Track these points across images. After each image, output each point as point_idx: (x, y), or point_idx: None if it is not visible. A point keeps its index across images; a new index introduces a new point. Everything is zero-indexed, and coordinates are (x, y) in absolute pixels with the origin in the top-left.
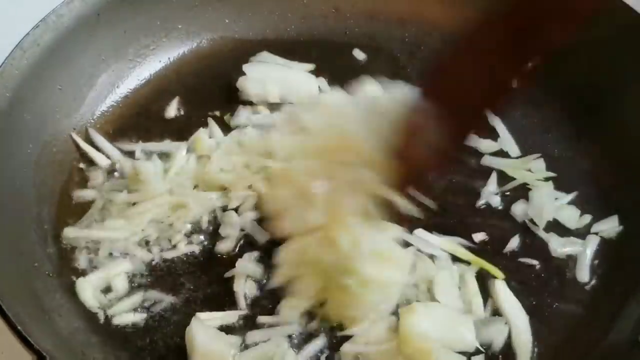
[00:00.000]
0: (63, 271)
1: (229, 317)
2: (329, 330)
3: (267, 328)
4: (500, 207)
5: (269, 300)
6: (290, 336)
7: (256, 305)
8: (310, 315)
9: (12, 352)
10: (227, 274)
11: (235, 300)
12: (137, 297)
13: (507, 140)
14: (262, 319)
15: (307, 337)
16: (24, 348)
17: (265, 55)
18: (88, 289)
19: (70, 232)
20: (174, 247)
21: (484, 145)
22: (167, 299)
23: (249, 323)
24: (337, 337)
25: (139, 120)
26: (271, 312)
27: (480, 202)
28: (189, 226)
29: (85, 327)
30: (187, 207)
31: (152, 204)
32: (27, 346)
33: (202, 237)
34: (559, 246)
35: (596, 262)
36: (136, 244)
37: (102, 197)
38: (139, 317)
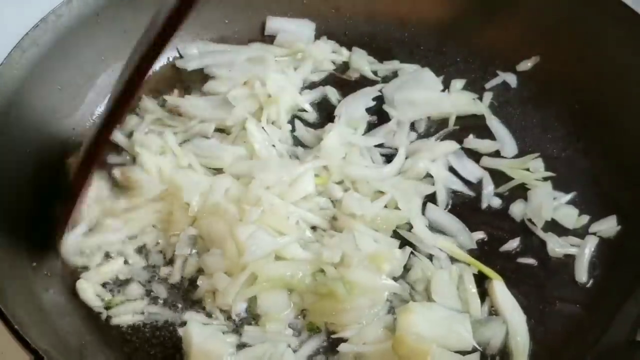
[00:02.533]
0: (61, 271)
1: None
2: (327, 331)
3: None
4: (499, 207)
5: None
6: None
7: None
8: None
9: (12, 352)
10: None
11: None
12: (141, 304)
13: (505, 141)
14: (248, 329)
15: (305, 337)
16: (21, 348)
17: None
18: (89, 289)
19: (69, 242)
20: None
21: (483, 145)
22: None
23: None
24: (334, 338)
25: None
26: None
27: (479, 202)
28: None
29: (83, 327)
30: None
31: (146, 211)
32: (25, 346)
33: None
34: (558, 246)
35: (594, 262)
36: (133, 249)
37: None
38: (137, 318)
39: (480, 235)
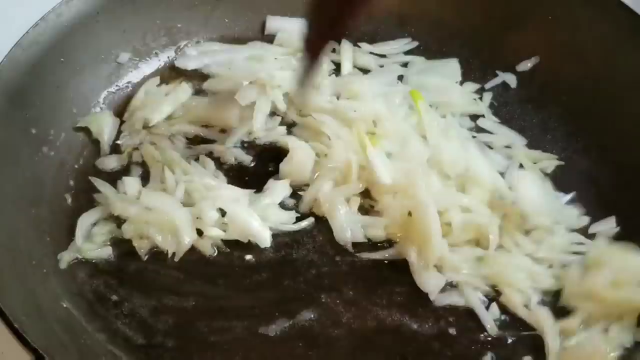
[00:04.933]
0: (61, 268)
1: None
2: None
3: None
4: None
5: None
6: None
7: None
8: None
9: (12, 351)
10: None
11: None
12: None
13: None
14: None
15: None
16: (21, 347)
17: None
18: None
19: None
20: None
21: (495, 138)
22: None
23: None
24: None
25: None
26: None
27: None
28: None
29: (83, 325)
30: None
31: None
32: (24, 344)
33: None
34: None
35: None
36: None
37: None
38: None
39: None
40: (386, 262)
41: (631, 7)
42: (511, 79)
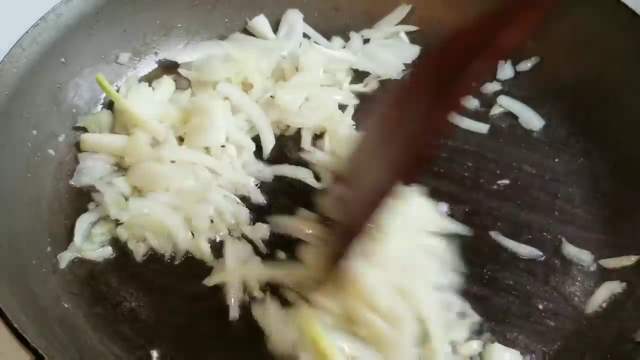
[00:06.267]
0: (61, 268)
1: None
2: None
3: None
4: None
5: None
6: None
7: None
8: None
9: (12, 351)
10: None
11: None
12: None
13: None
14: None
15: None
16: (21, 347)
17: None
18: None
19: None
20: None
21: None
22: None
23: None
24: None
25: None
26: None
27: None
28: None
29: (83, 324)
30: None
31: None
32: (24, 344)
33: None
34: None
35: (595, 262)
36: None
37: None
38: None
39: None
40: None
41: (631, 7)
42: (511, 79)
